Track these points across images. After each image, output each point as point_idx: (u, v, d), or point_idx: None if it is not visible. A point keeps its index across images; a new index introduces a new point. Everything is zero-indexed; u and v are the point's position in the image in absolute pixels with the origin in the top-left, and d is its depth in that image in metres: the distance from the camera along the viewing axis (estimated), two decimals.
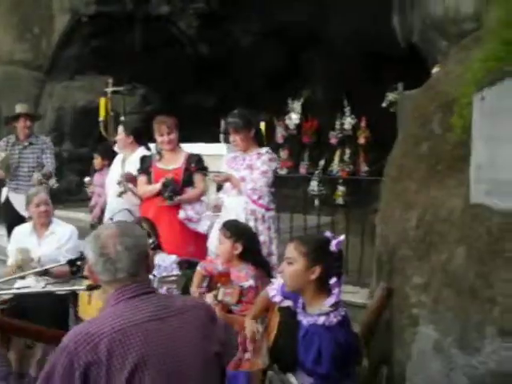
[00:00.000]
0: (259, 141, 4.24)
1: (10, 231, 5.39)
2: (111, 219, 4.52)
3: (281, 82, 9.16)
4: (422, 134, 3.12)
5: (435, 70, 6.62)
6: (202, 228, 4.44)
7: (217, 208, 4.24)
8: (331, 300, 2.59)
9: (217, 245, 3.61)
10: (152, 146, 4.93)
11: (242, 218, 4.01)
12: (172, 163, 4.55)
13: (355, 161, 9.02)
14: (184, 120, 5.04)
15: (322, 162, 9.17)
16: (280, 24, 8.68)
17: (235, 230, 3.51)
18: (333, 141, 9.08)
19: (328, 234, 2.68)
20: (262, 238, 3.97)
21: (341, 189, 8.84)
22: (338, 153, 9.11)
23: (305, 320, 2.59)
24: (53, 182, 5.71)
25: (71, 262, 3.24)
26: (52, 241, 4.43)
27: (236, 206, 4.08)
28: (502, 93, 2.28)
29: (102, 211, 5.43)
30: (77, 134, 9.00)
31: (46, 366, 1.88)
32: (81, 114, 8.80)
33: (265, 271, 3.55)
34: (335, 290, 2.60)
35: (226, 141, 7.47)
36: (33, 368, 3.66)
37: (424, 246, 2.78)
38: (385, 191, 3.50)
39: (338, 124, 9.02)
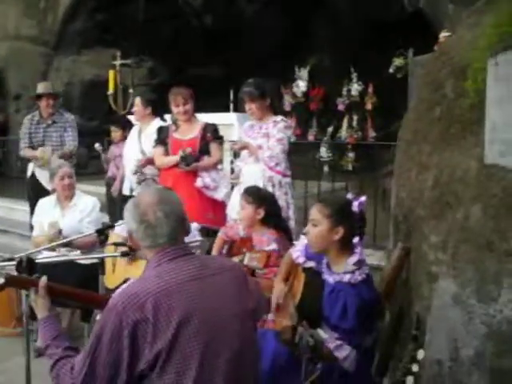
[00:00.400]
0: (275, 109, 4.34)
1: (34, 205, 5.55)
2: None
3: (287, 50, 9.19)
4: (435, 99, 3.21)
5: (442, 34, 6.68)
6: (219, 195, 4.58)
7: (235, 175, 4.36)
8: (354, 258, 2.74)
9: (238, 211, 3.74)
10: (168, 116, 5.04)
11: (259, 185, 4.15)
12: (188, 133, 4.67)
13: (363, 126, 9.13)
14: (192, 91, 5.14)
15: (330, 129, 9.28)
16: None
17: (257, 196, 3.64)
18: (340, 107, 9.18)
19: (350, 195, 2.80)
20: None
21: (350, 155, 8.98)
22: (345, 119, 9.21)
23: (330, 278, 2.73)
24: (74, 161, 5.78)
25: (99, 231, 3.37)
26: (75, 212, 4.60)
27: (253, 173, 4.22)
28: None
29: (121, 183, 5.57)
30: (85, 107, 9.09)
31: (96, 326, 2.03)
32: (89, 87, 8.88)
33: (286, 235, 3.68)
34: (358, 249, 2.75)
35: (236, 110, 7.58)
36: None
37: (439, 205, 2.90)
38: (399, 154, 3.60)
39: (345, 90, 9.11)
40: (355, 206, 2.76)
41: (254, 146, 4.20)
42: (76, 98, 9.24)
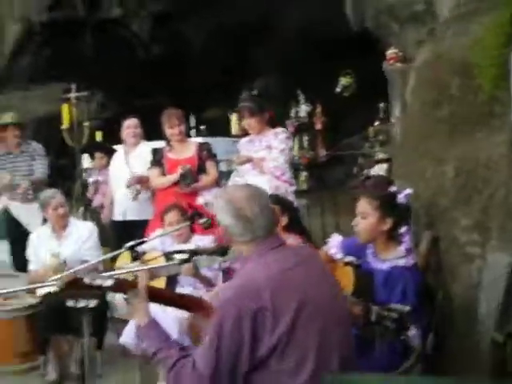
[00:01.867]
0: (272, 122, 4.52)
1: (13, 243, 5.37)
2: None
3: (234, 76, 9.42)
4: (441, 99, 3.51)
5: (390, 51, 7.12)
6: None
7: None
8: (403, 247, 2.92)
9: None
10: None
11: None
12: (184, 153, 4.76)
13: (314, 146, 9.43)
14: (144, 121, 5.29)
15: None
16: (229, 18, 8.96)
17: (280, 203, 3.74)
18: (290, 129, 9.44)
19: (394, 187, 2.99)
20: None
21: (304, 174, 9.23)
22: (296, 140, 9.48)
23: (383, 265, 2.89)
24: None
25: (132, 248, 3.38)
26: (72, 240, 4.52)
27: (259, 185, 4.32)
28: None
29: None
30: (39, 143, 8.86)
31: (214, 320, 2.06)
32: (41, 123, 8.70)
33: (308, 238, 3.82)
34: (405, 238, 2.94)
35: (199, 134, 7.69)
36: None
37: (466, 192, 3.16)
38: (401, 157, 3.87)
39: (293, 112, 9.40)
40: (401, 198, 2.94)
41: (257, 158, 4.34)
42: (29, 135, 9.01)
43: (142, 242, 3.32)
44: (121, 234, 4.80)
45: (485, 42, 3.21)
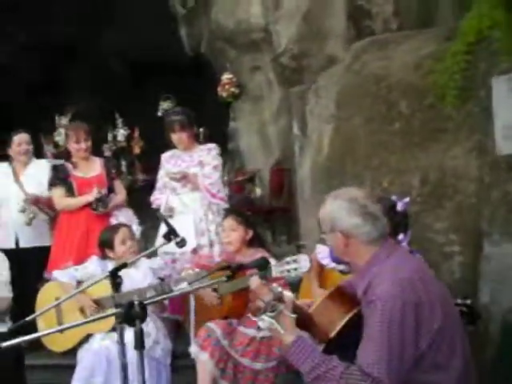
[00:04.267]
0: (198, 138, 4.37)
1: None
2: None
3: (46, 97, 8.70)
4: (390, 116, 3.85)
5: (225, 76, 7.42)
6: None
7: (168, 208, 4.18)
8: None
9: (226, 234, 3.63)
10: None
11: (200, 213, 4.12)
12: (90, 171, 4.35)
13: (132, 171, 9.13)
14: None
15: None
16: (42, 36, 8.29)
17: (245, 217, 3.65)
18: (107, 153, 9.02)
19: (394, 197, 3.18)
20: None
21: None
22: None
23: None
24: None
25: (113, 274, 2.97)
26: None
27: (191, 203, 4.14)
28: None
29: None
30: None
31: (384, 317, 1.97)
32: None
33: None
34: (404, 244, 3.14)
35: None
36: None
37: (435, 197, 3.52)
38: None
39: (110, 136, 9.01)
40: (400, 206, 3.13)
41: (192, 174, 4.13)
42: None
43: (125, 265, 2.96)
44: (12, 265, 4.07)
45: (436, 66, 3.63)
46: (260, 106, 6.91)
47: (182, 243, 3.09)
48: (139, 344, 2.05)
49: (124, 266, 2.97)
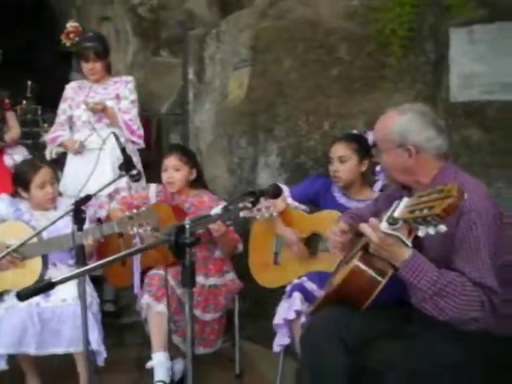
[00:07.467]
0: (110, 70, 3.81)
1: None
2: None
3: None
4: (330, 61, 3.79)
5: (70, 24, 6.91)
6: None
7: (79, 145, 3.56)
8: (378, 184, 3.14)
9: (169, 173, 3.21)
10: None
11: (117, 153, 3.59)
12: None
13: None
14: None
15: None
16: None
17: (190, 155, 3.31)
18: None
19: (362, 128, 3.13)
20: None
21: None
22: None
23: (358, 204, 2.98)
24: None
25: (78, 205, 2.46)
26: None
27: (111, 138, 3.58)
28: None
29: None
30: None
31: (483, 228, 1.93)
32: None
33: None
34: (380, 176, 3.14)
35: None
36: None
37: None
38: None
39: None
40: (370, 140, 3.12)
41: (111, 107, 3.54)
42: None
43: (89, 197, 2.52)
44: None
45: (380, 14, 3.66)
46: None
47: (137, 176, 2.71)
48: (189, 281, 1.72)
49: (89, 198, 2.50)
